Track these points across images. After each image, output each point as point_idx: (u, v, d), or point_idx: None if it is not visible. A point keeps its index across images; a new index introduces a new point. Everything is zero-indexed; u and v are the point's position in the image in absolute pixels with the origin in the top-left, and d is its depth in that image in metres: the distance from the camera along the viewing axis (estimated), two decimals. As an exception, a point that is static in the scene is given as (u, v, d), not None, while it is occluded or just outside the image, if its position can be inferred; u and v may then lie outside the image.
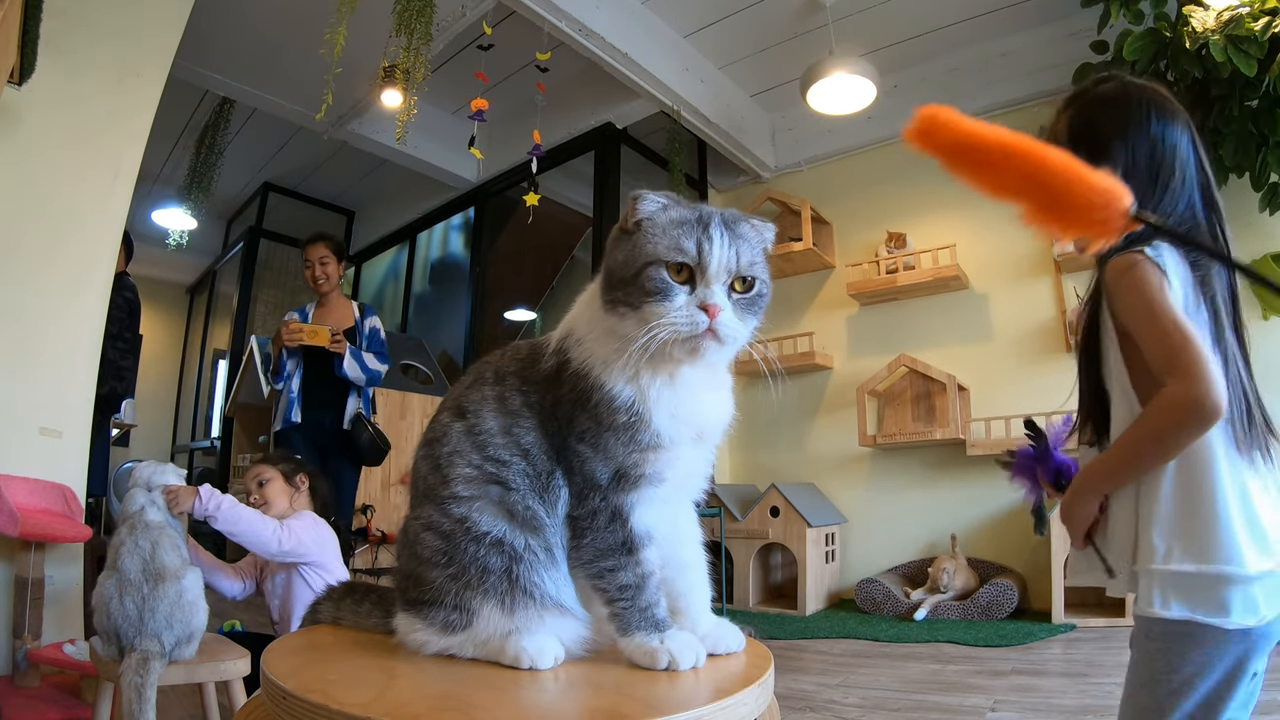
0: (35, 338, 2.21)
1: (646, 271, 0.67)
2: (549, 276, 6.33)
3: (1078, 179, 0.50)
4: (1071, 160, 0.51)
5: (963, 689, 2.17)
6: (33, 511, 1.97)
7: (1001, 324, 3.95)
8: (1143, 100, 0.92)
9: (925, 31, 3.97)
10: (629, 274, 0.68)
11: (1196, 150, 0.90)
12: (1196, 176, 0.89)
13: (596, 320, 0.72)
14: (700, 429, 0.72)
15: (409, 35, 2.80)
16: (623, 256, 0.69)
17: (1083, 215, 0.50)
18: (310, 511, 1.94)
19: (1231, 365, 0.84)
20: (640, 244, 0.68)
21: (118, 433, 5.74)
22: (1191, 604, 0.78)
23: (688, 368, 0.71)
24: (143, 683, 1.25)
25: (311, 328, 2.84)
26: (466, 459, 0.72)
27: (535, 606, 0.70)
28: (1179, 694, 0.80)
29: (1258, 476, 0.81)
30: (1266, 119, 2.86)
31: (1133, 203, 0.49)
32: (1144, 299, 0.79)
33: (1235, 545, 0.77)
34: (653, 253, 0.67)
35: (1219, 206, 0.90)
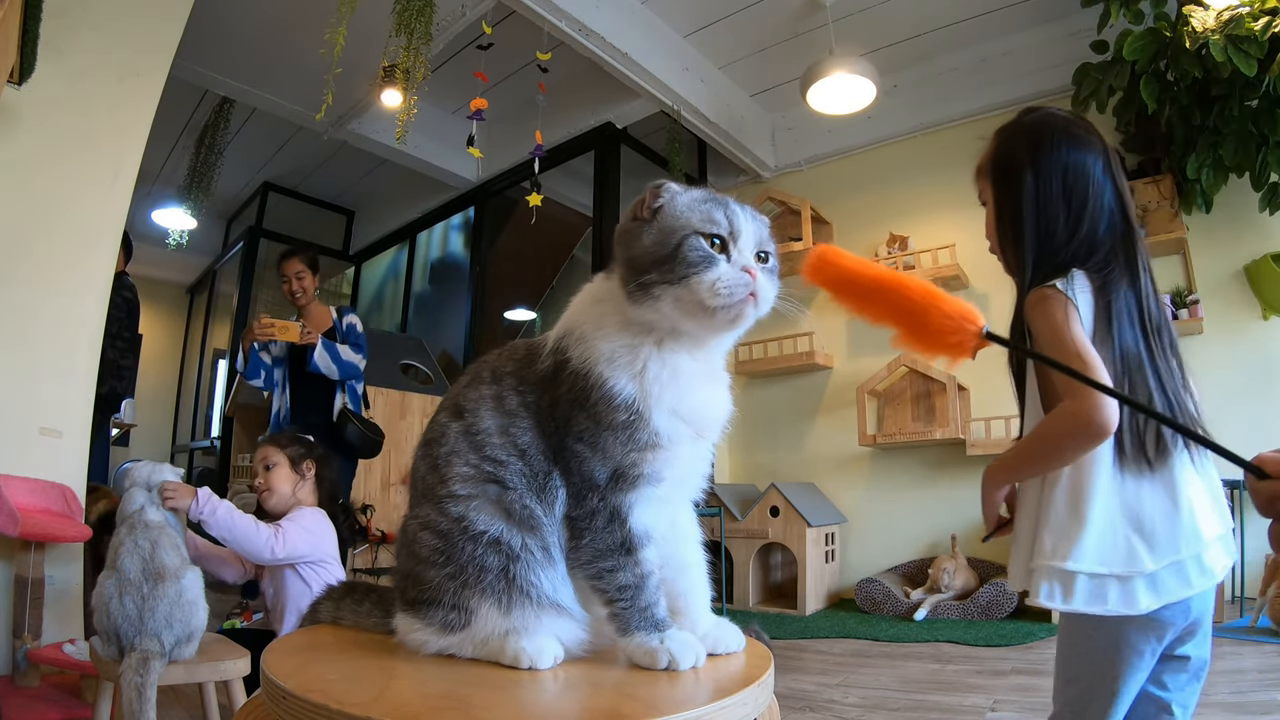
0: (35, 338, 2.21)
1: (687, 242, 0.67)
2: (549, 276, 6.33)
3: (934, 308, 0.57)
4: (930, 291, 0.58)
5: (963, 689, 2.17)
6: (33, 511, 1.96)
7: (1001, 323, 3.91)
8: (1056, 130, 1.00)
9: (925, 31, 3.97)
10: (665, 251, 0.68)
11: (1113, 176, 0.99)
12: (1113, 200, 0.98)
13: (608, 316, 0.72)
14: (699, 426, 0.72)
15: (409, 35, 2.80)
16: (651, 240, 0.69)
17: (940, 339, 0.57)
18: (308, 508, 1.90)
19: (1143, 385, 0.93)
20: (669, 223, 0.69)
21: (118, 432, 5.74)
22: (1073, 596, 0.88)
23: (690, 360, 0.72)
24: (143, 682, 1.25)
25: (283, 323, 2.90)
26: (464, 459, 0.72)
27: (532, 606, 0.70)
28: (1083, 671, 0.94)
29: (1159, 485, 0.90)
30: (1266, 119, 2.87)
31: (984, 325, 0.55)
32: (1052, 328, 0.92)
33: (1111, 547, 0.87)
34: (687, 225, 0.68)
35: (1134, 227, 1.00)
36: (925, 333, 0.58)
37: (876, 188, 4.44)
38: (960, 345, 0.56)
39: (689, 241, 0.67)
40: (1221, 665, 2.21)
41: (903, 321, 0.59)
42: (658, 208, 0.71)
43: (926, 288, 0.59)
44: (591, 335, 0.71)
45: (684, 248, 0.67)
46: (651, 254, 0.69)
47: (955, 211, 4.12)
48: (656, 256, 0.68)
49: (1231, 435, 2.65)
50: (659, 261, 0.68)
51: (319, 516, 1.88)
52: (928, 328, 0.57)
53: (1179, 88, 3.05)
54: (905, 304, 0.59)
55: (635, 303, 0.69)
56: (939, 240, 4.03)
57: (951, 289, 3.97)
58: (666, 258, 0.68)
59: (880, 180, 4.44)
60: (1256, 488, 0.42)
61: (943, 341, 0.57)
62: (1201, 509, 0.89)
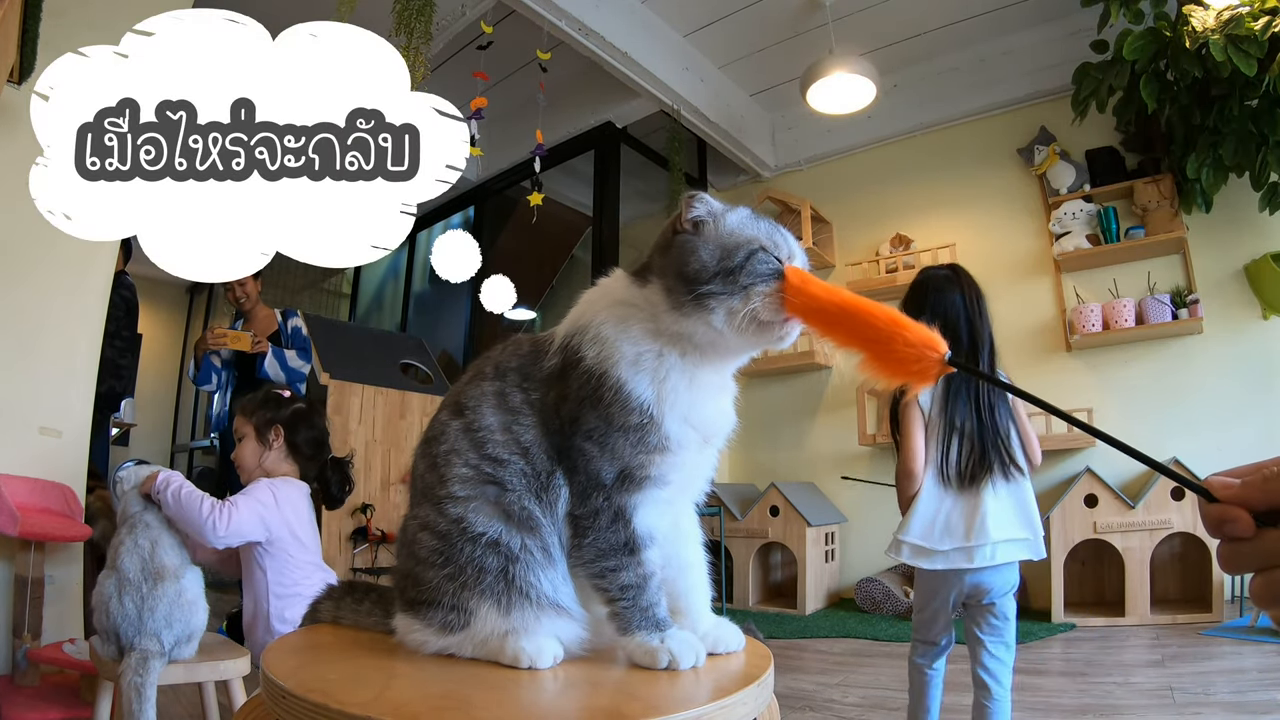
0: (35, 338, 2.21)
1: (757, 255, 0.68)
2: (549, 276, 6.33)
3: (898, 335, 0.59)
4: (895, 317, 0.60)
5: (962, 688, 2.17)
6: (32, 511, 1.96)
7: (1001, 323, 3.89)
8: (930, 283, 1.74)
9: (925, 31, 3.97)
10: (732, 264, 0.68)
11: (966, 305, 1.71)
12: (966, 324, 1.68)
13: (633, 320, 0.71)
14: (707, 433, 0.73)
15: (408, 34, 2.80)
16: (710, 254, 0.69)
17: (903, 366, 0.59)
18: (268, 480, 1.70)
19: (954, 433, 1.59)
20: (730, 238, 0.70)
21: (118, 432, 5.74)
22: (900, 555, 1.60)
23: (710, 371, 0.72)
24: (142, 682, 1.25)
25: (234, 333, 3.03)
26: (463, 458, 0.72)
27: (532, 607, 0.70)
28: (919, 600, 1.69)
29: (964, 500, 1.56)
30: (1266, 118, 2.87)
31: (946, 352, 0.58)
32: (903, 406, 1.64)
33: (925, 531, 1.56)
34: (754, 240, 0.70)
35: (981, 336, 1.69)
36: (890, 359, 0.59)
37: (876, 187, 4.44)
38: (923, 372, 0.58)
39: (759, 255, 0.68)
40: (1221, 665, 2.21)
41: (869, 348, 0.61)
42: (697, 220, 0.71)
43: (891, 316, 0.60)
44: (613, 337, 0.71)
45: (754, 260, 0.68)
46: (713, 267, 0.69)
47: (955, 211, 4.12)
48: (722, 269, 0.68)
49: (1232, 435, 2.66)
50: (723, 274, 0.68)
51: (280, 488, 1.68)
52: (892, 355, 0.59)
53: (1179, 87, 3.05)
54: (870, 331, 0.61)
55: (684, 314, 0.69)
56: (939, 240, 4.03)
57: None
58: (733, 269, 0.68)
59: (880, 180, 4.44)
60: (1205, 511, 0.42)
61: (906, 369, 0.59)
62: (995, 518, 1.51)
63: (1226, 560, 0.42)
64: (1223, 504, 0.41)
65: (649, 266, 0.74)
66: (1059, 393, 3.64)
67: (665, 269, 0.71)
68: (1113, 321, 3.47)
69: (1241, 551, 0.41)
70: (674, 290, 0.70)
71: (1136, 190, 3.50)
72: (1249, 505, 0.40)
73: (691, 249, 0.70)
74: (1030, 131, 3.92)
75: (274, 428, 1.78)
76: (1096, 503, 3.08)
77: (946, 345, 0.58)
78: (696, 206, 0.71)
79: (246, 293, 3.24)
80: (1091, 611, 3.11)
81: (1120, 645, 2.62)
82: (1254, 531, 0.40)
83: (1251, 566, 0.40)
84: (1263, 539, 0.40)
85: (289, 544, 1.66)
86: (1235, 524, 0.40)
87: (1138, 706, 1.87)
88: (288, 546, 1.65)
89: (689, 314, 0.69)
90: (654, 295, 0.71)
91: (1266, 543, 0.40)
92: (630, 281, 0.75)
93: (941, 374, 0.58)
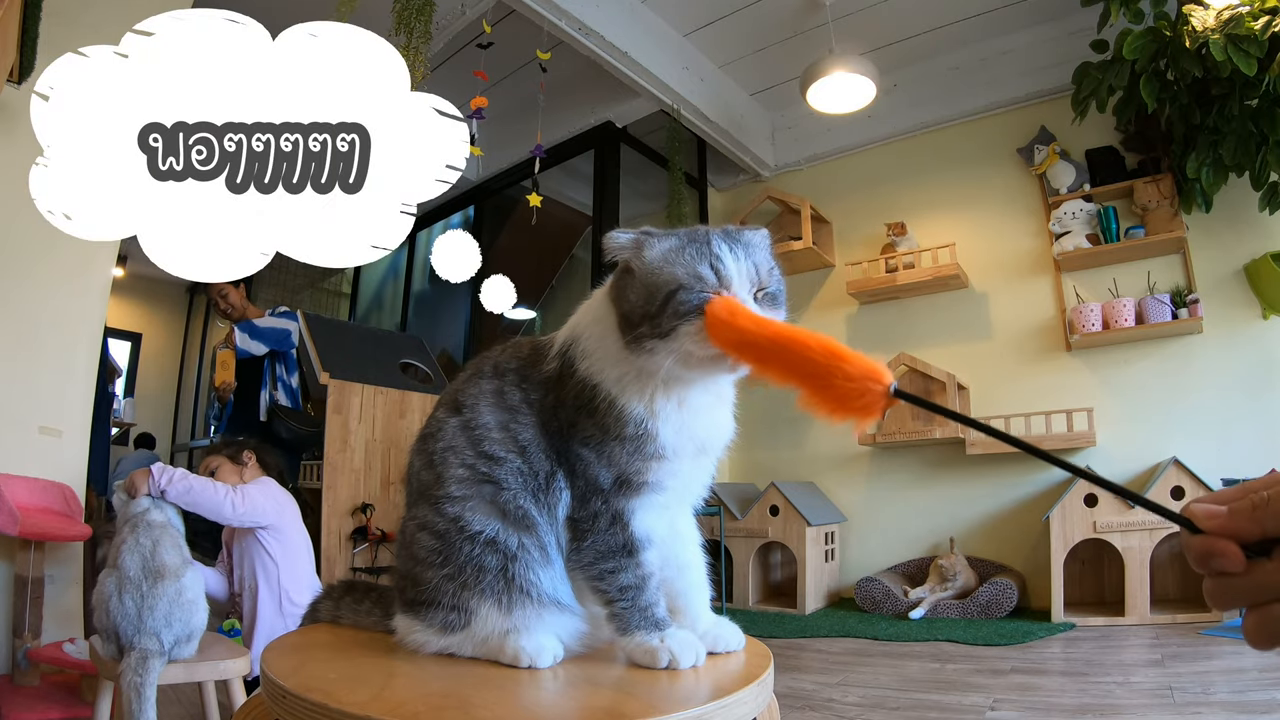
0: (35, 337, 2.21)
1: (675, 297, 0.65)
2: (548, 275, 6.33)
3: (837, 368, 0.54)
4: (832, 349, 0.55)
5: (962, 688, 2.17)
6: (32, 511, 1.96)
7: (1001, 323, 3.95)
8: None
9: (925, 30, 3.96)
10: (653, 308, 0.66)
11: None
12: None
13: (609, 340, 0.71)
14: (703, 445, 0.73)
15: (408, 34, 2.80)
16: (636, 295, 0.67)
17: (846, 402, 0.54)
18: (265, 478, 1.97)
19: None
20: (652, 277, 0.67)
21: (117, 432, 5.75)
22: None
23: (698, 391, 0.71)
24: (142, 681, 1.25)
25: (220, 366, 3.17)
26: (460, 456, 0.72)
27: (533, 605, 0.70)
28: None
29: None
30: (1266, 118, 2.86)
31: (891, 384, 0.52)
32: None
33: None
34: (672, 280, 0.66)
35: None
36: (830, 395, 0.54)
37: (876, 187, 4.44)
38: (867, 407, 0.53)
39: (676, 297, 0.65)
40: (1221, 665, 2.21)
41: (806, 383, 0.56)
42: (626, 262, 0.69)
43: (829, 347, 0.55)
44: (596, 353, 0.71)
45: (672, 302, 0.65)
46: (639, 310, 0.67)
47: (955, 211, 4.12)
48: (646, 312, 0.66)
49: (1231, 434, 2.66)
50: (648, 317, 0.66)
51: (278, 485, 1.94)
52: (832, 390, 0.54)
53: (1179, 87, 3.05)
54: (807, 365, 0.56)
55: (635, 353, 0.68)
56: (939, 239, 4.03)
57: (951, 288, 4.01)
58: (654, 314, 0.65)
59: (880, 179, 4.43)
60: (1189, 544, 0.37)
61: (848, 404, 0.54)
62: None
63: (1215, 596, 0.37)
64: (1209, 536, 0.37)
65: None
66: (1059, 392, 3.64)
67: (616, 306, 0.70)
68: (1112, 321, 3.47)
69: (1232, 587, 0.36)
70: (621, 329, 0.69)
71: (1136, 190, 3.50)
72: (1237, 536, 0.36)
73: (623, 290, 0.69)
74: (1030, 131, 3.92)
75: (245, 451, 2.06)
76: (1096, 502, 3.08)
77: (891, 376, 0.54)
78: (608, 246, 0.69)
79: (231, 304, 3.34)
80: (1091, 611, 3.11)
81: (1120, 645, 2.62)
82: (1244, 565, 0.36)
83: (1243, 602, 0.36)
84: (1255, 572, 0.36)
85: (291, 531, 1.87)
86: (1224, 558, 0.36)
87: (1137, 706, 1.87)
88: (289, 531, 1.86)
89: (635, 352, 0.67)
90: (614, 325, 0.70)
91: (1259, 576, 0.36)
92: (605, 299, 0.74)
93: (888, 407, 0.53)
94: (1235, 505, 0.37)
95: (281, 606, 1.85)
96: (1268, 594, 0.35)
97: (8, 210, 2.09)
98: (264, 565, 1.86)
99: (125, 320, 7.35)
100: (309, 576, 1.95)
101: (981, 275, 4.01)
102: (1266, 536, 0.36)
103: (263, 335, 3.13)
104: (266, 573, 1.87)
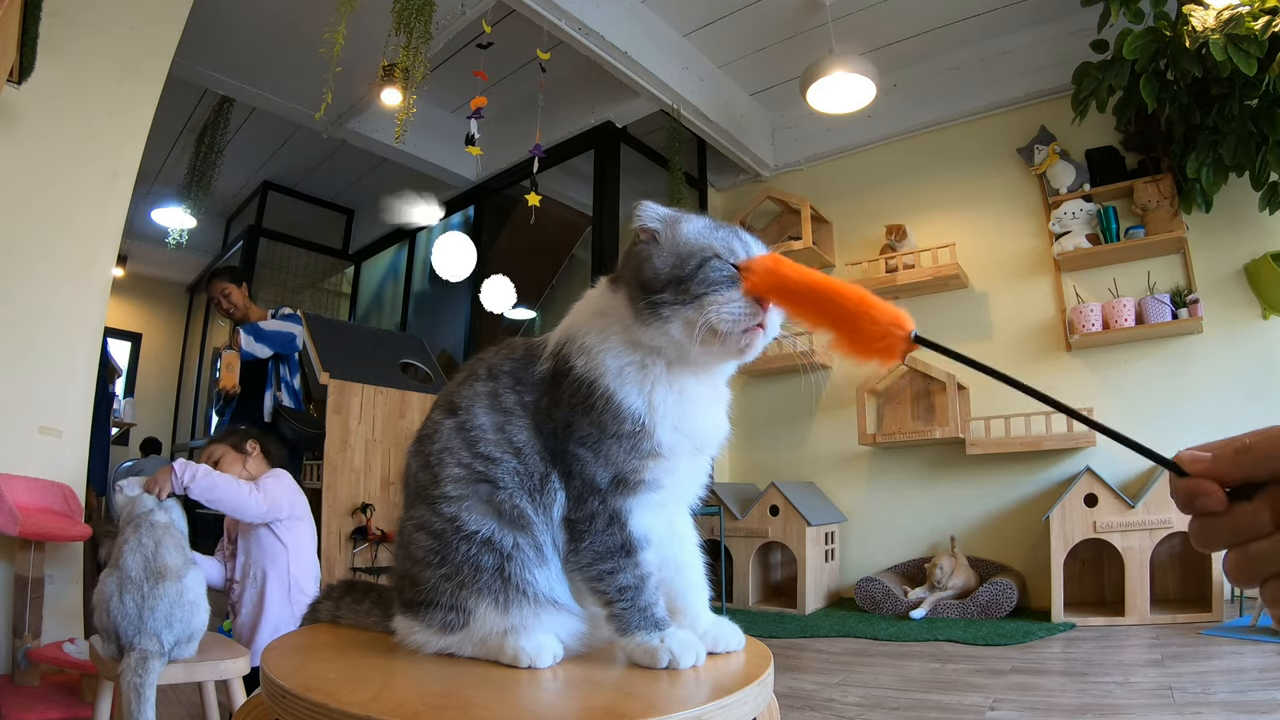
0: (35, 337, 2.21)
1: (710, 263, 0.68)
2: (548, 275, 6.33)
3: (864, 313, 0.59)
4: (863, 296, 0.60)
5: (962, 687, 2.17)
6: (32, 510, 1.96)
7: (1001, 323, 3.95)
8: None
9: (925, 30, 3.96)
10: (684, 272, 0.68)
11: None
12: None
13: (611, 331, 0.71)
14: (699, 442, 0.73)
15: (408, 34, 2.80)
16: (664, 262, 0.69)
17: (870, 343, 0.59)
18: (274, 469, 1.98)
19: None
20: (685, 246, 0.70)
21: (117, 432, 5.75)
22: None
23: (695, 383, 0.72)
24: (142, 682, 1.25)
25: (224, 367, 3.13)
26: (456, 457, 0.72)
27: (529, 604, 0.70)
28: None
29: None
30: (1266, 118, 2.86)
31: (912, 329, 0.57)
32: None
33: None
34: (709, 248, 0.69)
35: None
36: (857, 337, 0.59)
37: (876, 187, 4.44)
38: (889, 349, 0.58)
39: (712, 263, 0.68)
40: (1221, 664, 2.21)
41: (837, 327, 0.61)
42: (652, 229, 0.71)
43: (860, 295, 0.60)
44: (596, 347, 0.71)
45: (706, 268, 0.67)
46: (665, 275, 0.68)
47: (955, 211, 4.12)
48: (674, 277, 0.68)
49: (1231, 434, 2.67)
50: (675, 282, 0.68)
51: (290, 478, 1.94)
52: (859, 332, 0.59)
53: (1179, 87, 3.05)
54: (838, 310, 0.61)
55: (644, 324, 0.69)
56: (939, 239, 4.03)
57: (951, 288, 4.01)
58: (685, 278, 0.67)
59: (880, 179, 4.43)
60: (1176, 486, 0.41)
61: (872, 346, 0.58)
62: None
63: (1198, 536, 0.40)
64: (1194, 478, 0.39)
65: (619, 274, 0.74)
66: (1059, 392, 3.61)
67: (628, 278, 0.72)
68: (1112, 321, 3.47)
69: (1214, 527, 0.39)
70: (634, 299, 0.70)
71: (1136, 190, 3.50)
72: (1221, 479, 0.39)
73: (646, 257, 0.71)
74: (1030, 131, 3.92)
75: (249, 441, 2.04)
76: (1096, 502, 3.08)
77: (914, 323, 0.58)
78: (642, 215, 0.72)
79: (233, 303, 3.32)
80: (1091, 611, 3.11)
81: (1120, 645, 2.62)
82: (1226, 506, 0.39)
83: (1224, 542, 0.39)
84: (1235, 513, 0.38)
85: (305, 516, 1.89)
86: (1206, 498, 0.39)
87: (1137, 706, 1.87)
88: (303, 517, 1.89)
89: (648, 323, 0.69)
90: (621, 304, 0.72)
91: (1239, 517, 0.38)
92: (607, 289, 0.75)
93: (908, 351, 0.58)
94: (1220, 452, 0.40)
95: (290, 594, 1.87)
96: (1247, 533, 0.38)
97: (8, 210, 2.09)
98: (274, 554, 1.87)
99: (125, 320, 7.36)
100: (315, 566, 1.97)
101: (981, 275, 4.01)
102: (1248, 480, 0.39)
103: (268, 339, 3.14)
104: (276, 561, 1.88)
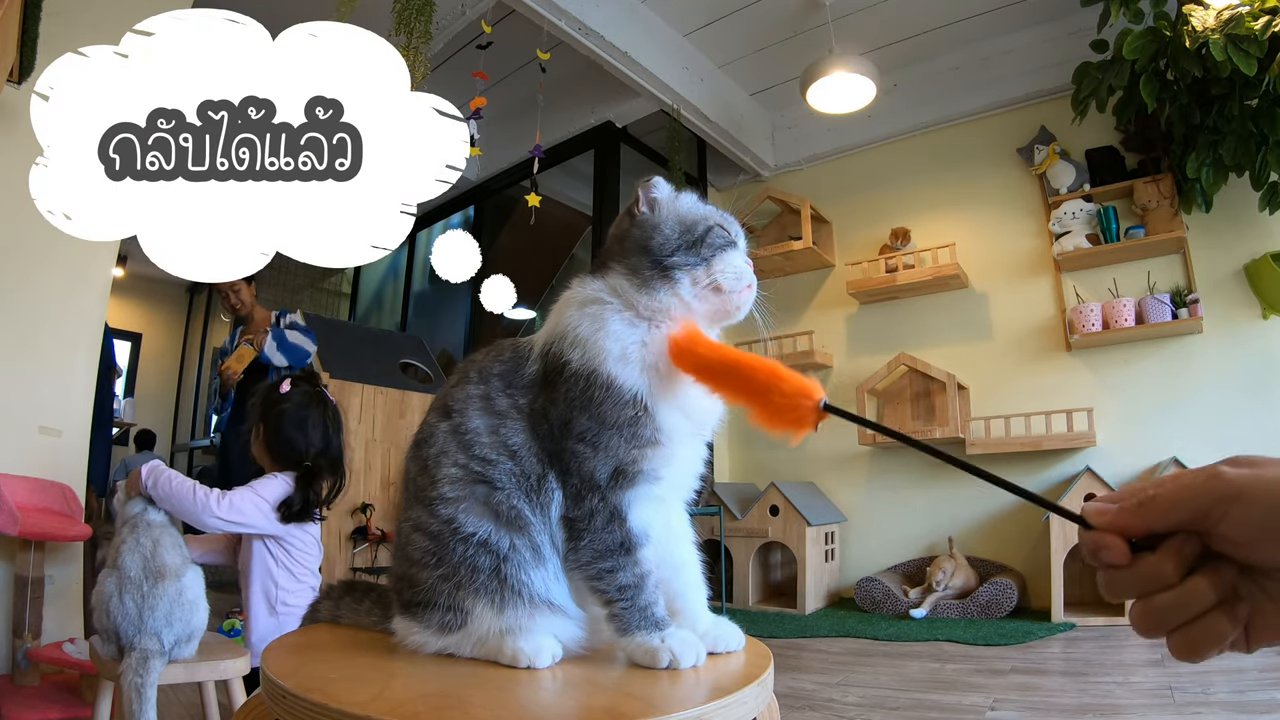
0: (35, 338, 2.21)
1: (715, 230, 0.75)
2: (549, 275, 6.33)
3: (774, 386, 0.62)
4: (773, 369, 0.63)
5: (962, 687, 2.17)
6: (32, 511, 1.96)
7: (1001, 323, 3.95)
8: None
9: (925, 30, 3.96)
10: (693, 236, 0.74)
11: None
12: None
13: (607, 315, 0.73)
14: (699, 421, 0.74)
15: (408, 34, 2.80)
16: (672, 229, 0.75)
17: (781, 416, 0.61)
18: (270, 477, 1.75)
19: None
20: (689, 214, 0.77)
21: (118, 431, 5.75)
22: None
23: None
24: (142, 682, 1.25)
25: (235, 356, 3.09)
26: (453, 459, 0.72)
27: (525, 605, 0.70)
28: None
29: None
30: (1266, 118, 2.86)
31: (821, 399, 0.60)
32: None
33: None
34: (710, 216, 0.77)
35: None
36: (769, 409, 0.62)
37: (876, 187, 4.44)
38: (800, 420, 0.60)
39: (715, 229, 0.75)
40: (1221, 665, 2.21)
41: (751, 400, 0.64)
42: (653, 199, 0.76)
43: (770, 369, 0.63)
44: (592, 336, 0.72)
45: (712, 234, 0.75)
46: (675, 240, 0.74)
47: (955, 211, 4.12)
48: (685, 241, 0.74)
49: (1231, 434, 2.65)
50: (686, 246, 0.74)
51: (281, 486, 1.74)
52: (771, 405, 0.62)
53: (1179, 87, 3.05)
54: (749, 385, 0.64)
55: (652, 289, 0.73)
56: (939, 239, 4.03)
57: (951, 288, 4.01)
58: (695, 242, 0.74)
59: (880, 179, 4.43)
60: (1081, 539, 0.41)
61: (784, 417, 0.61)
62: None
63: (1105, 588, 0.41)
64: (1097, 531, 0.40)
65: (606, 259, 0.77)
66: (1059, 392, 3.64)
67: (627, 251, 0.76)
68: (1112, 321, 3.47)
69: (1119, 579, 0.40)
70: (638, 268, 0.74)
71: (1136, 190, 3.50)
72: (1125, 531, 0.39)
73: (654, 225, 0.76)
74: (1030, 131, 3.92)
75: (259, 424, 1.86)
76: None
77: (823, 392, 0.60)
78: (658, 188, 0.78)
79: (241, 299, 3.30)
80: (1091, 611, 3.11)
81: (1120, 645, 2.62)
82: (1128, 558, 0.39)
83: (1130, 594, 0.40)
84: (1139, 565, 0.39)
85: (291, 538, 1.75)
86: (1109, 551, 0.39)
87: (1137, 706, 1.87)
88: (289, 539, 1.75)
89: (656, 288, 0.73)
90: (619, 281, 0.74)
91: (1142, 568, 0.39)
92: (591, 279, 0.77)
93: (819, 420, 0.60)
94: (1125, 504, 0.40)
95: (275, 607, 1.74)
96: (1151, 585, 0.39)
97: (8, 210, 2.09)
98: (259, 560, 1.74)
99: (125, 320, 7.35)
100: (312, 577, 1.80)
101: (981, 275, 4.01)
102: (1153, 531, 0.39)
103: (288, 350, 3.17)
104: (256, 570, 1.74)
